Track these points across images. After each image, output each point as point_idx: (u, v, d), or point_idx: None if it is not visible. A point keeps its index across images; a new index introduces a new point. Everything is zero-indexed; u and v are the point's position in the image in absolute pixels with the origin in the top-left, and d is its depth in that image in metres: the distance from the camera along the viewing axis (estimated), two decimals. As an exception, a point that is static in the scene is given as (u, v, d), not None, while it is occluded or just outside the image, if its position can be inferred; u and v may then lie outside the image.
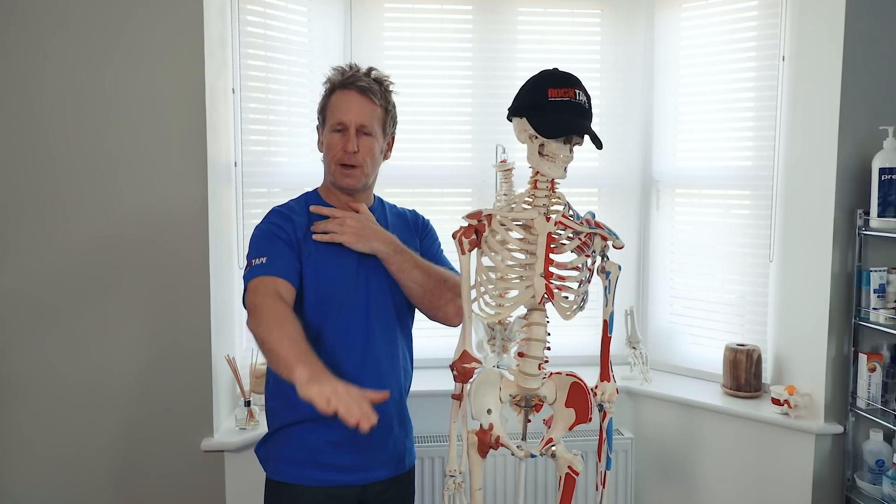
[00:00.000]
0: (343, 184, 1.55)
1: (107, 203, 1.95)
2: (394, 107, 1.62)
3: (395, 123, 1.64)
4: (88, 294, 1.96)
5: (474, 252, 1.37)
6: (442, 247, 1.71)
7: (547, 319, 1.35)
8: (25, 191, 1.92)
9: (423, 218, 1.73)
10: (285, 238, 1.51)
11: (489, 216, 1.34)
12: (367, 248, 1.51)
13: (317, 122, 1.63)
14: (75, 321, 1.96)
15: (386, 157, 1.65)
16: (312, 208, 1.55)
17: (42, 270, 1.94)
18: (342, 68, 1.59)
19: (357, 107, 1.53)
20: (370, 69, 1.60)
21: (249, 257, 1.50)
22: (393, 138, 1.66)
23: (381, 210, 1.66)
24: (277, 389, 1.56)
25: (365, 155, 1.54)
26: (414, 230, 1.68)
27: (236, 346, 2.22)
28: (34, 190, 1.93)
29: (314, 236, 1.51)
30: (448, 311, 1.57)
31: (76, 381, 1.97)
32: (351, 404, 1.14)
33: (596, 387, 1.40)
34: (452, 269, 1.64)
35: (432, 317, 1.61)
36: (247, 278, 1.47)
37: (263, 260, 1.47)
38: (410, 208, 1.74)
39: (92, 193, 1.94)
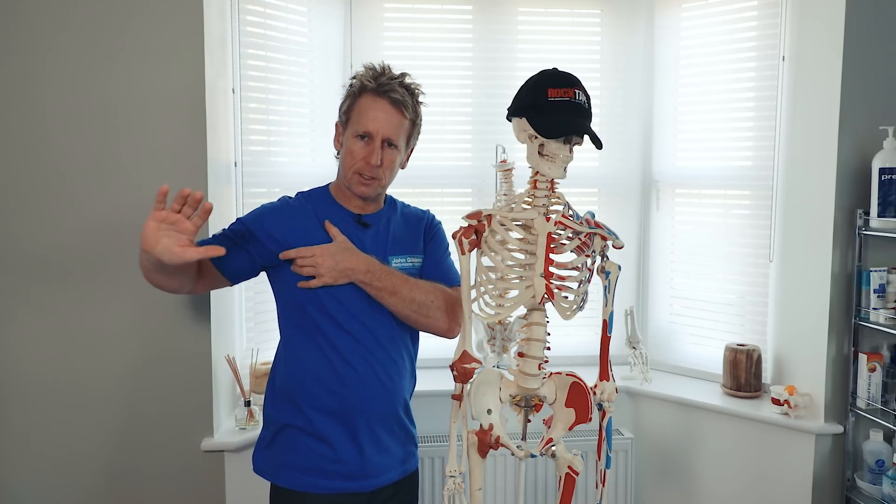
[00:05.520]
0: (357, 192, 1.53)
1: (107, 202, 1.95)
2: (421, 118, 1.59)
3: (419, 134, 1.61)
4: (88, 293, 1.96)
5: (474, 252, 1.37)
6: (450, 249, 1.66)
7: (547, 319, 1.36)
8: (25, 190, 1.92)
9: (434, 220, 1.69)
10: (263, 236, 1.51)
11: (489, 216, 1.34)
12: (346, 281, 1.48)
13: (337, 119, 1.58)
14: (76, 321, 1.96)
15: (403, 166, 1.61)
16: (282, 255, 1.50)
17: (42, 269, 1.94)
18: (374, 69, 1.52)
19: (386, 118, 1.49)
20: (403, 74, 1.54)
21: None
22: (412, 149, 1.62)
23: (391, 211, 1.63)
24: (277, 392, 1.55)
25: (386, 168, 1.52)
26: (420, 232, 1.64)
27: (236, 347, 2.22)
28: (34, 189, 1.93)
29: (293, 267, 1.49)
30: (437, 328, 1.54)
31: (76, 381, 1.97)
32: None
33: (595, 386, 1.40)
34: (455, 275, 1.61)
35: (424, 331, 1.59)
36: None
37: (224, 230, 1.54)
38: (425, 209, 1.71)
39: (91, 193, 1.94)
